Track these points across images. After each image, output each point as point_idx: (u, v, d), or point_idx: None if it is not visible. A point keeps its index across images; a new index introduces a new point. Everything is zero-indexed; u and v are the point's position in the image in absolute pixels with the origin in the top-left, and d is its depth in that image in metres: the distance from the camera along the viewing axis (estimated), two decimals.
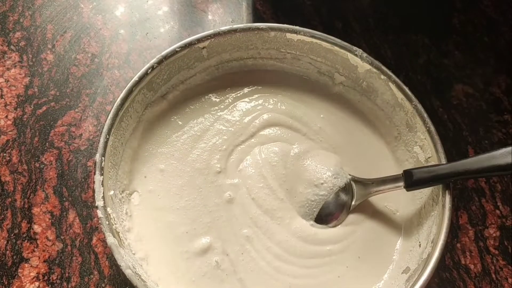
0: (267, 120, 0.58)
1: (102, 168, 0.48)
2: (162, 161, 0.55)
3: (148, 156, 0.55)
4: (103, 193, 0.47)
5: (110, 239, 0.45)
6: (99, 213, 0.46)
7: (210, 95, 0.60)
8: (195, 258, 0.50)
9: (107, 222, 0.46)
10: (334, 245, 0.52)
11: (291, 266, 0.51)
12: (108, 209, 0.47)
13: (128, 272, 0.44)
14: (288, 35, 0.57)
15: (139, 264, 0.48)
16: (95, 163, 0.48)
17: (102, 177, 0.47)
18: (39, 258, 0.53)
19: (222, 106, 0.59)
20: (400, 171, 0.51)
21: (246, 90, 0.60)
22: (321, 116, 0.59)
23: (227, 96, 0.60)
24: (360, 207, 0.54)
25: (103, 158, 0.48)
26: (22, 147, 0.59)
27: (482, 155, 0.47)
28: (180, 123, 0.57)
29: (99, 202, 0.46)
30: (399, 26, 0.72)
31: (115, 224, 0.47)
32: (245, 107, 0.59)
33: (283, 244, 0.51)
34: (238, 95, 0.60)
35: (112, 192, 0.49)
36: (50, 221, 0.55)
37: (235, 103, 0.59)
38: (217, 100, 0.59)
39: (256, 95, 0.60)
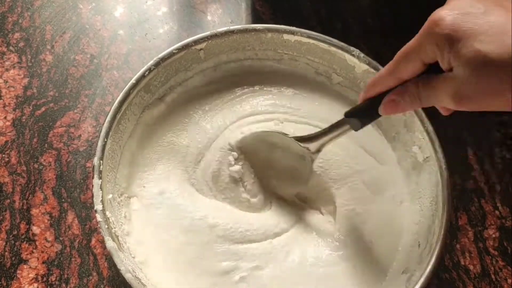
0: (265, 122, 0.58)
1: (100, 172, 0.48)
2: None
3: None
4: (102, 196, 0.47)
5: (110, 243, 0.45)
6: (98, 217, 0.46)
7: (208, 96, 0.59)
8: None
9: (106, 226, 0.46)
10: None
11: None
12: (107, 212, 0.47)
13: (128, 276, 0.44)
14: (285, 36, 0.57)
15: (139, 268, 0.47)
16: (93, 167, 0.48)
17: (100, 180, 0.47)
18: (38, 259, 0.53)
19: (221, 107, 0.59)
20: (399, 171, 0.51)
21: (244, 91, 0.60)
22: (320, 116, 0.59)
23: (225, 97, 0.59)
24: (360, 209, 0.54)
25: (101, 161, 0.48)
26: (21, 148, 0.59)
27: None
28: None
29: (98, 206, 0.46)
30: (398, 27, 0.71)
31: (114, 227, 0.47)
32: (244, 108, 0.59)
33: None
34: (236, 96, 0.60)
35: (110, 196, 0.49)
36: (49, 222, 0.55)
37: (234, 104, 0.59)
38: (216, 101, 0.59)
39: (255, 96, 0.60)
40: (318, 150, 0.51)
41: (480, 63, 0.31)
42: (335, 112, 0.59)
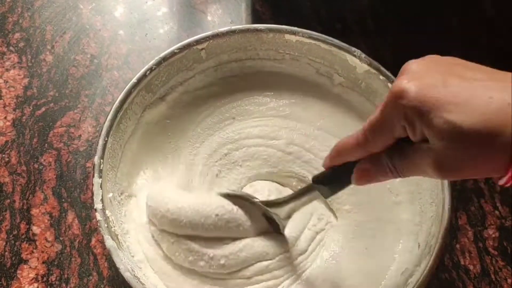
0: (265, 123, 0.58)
1: (100, 171, 0.48)
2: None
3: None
4: (102, 195, 0.47)
5: (109, 242, 0.45)
6: (98, 216, 0.46)
7: (208, 96, 0.59)
8: None
9: (106, 225, 0.46)
10: None
11: None
12: (107, 211, 0.47)
13: (127, 275, 0.44)
14: (287, 36, 0.57)
15: (138, 267, 0.47)
16: (93, 166, 0.48)
17: (100, 179, 0.47)
18: (38, 259, 0.53)
19: (220, 106, 0.59)
20: None
21: (244, 91, 0.60)
22: (320, 117, 0.59)
23: (225, 97, 0.59)
24: (359, 211, 0.54)
25: (101, 160, 0.48)
26: (21, 148, 0.59)
27: None
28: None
29: (98, 205, 0.46)
30: (398, 27, 0.72)
31: (114, 226, 0.47)
32: (243, 108, 0.59)
33: None
34: (237, 96, 0.60)
35: (111, 195, 0.49)
36: (49, 222, 0.55)
37: (234, 105, 0.59)
38: (215, 101, 0.59)
39: (255, 97, 0.60)
40: (288, 217, 0.50)
41: (455, 135, 0.30)
42: (334, 114, 0.60)
